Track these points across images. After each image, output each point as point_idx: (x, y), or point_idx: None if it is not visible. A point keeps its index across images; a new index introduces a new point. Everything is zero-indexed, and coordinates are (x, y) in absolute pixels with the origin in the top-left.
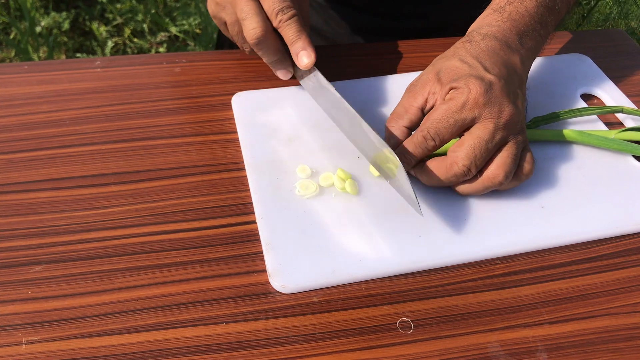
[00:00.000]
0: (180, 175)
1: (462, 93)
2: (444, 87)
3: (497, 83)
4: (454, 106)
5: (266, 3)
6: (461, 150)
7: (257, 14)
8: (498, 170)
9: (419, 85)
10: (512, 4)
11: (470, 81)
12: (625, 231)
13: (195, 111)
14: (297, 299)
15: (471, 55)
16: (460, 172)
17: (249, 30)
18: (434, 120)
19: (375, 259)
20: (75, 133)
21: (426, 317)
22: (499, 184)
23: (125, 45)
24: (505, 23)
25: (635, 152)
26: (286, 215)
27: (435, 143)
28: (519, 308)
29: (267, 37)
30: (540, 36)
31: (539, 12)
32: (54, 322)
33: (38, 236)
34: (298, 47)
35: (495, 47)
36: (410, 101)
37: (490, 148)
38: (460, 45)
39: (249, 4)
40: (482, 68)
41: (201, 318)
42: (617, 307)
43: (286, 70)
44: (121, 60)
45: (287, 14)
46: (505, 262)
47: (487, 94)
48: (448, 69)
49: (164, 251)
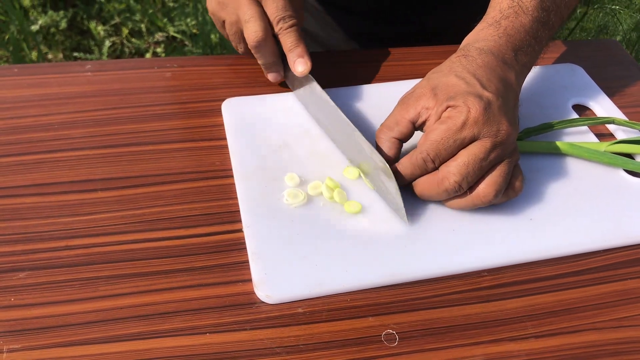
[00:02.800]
0: (167, 182)
1: (461, 112)
2: (440, 104)
3: (495, 101)
4: (454, 126)
5: (269, 9)
6: (454, 166)
7: (259, 18)
8: (489, 189)
9: (413, 99)
10: (508, 19)
11: (469, 100)
12: (613, 244)
13: (185, 117)
14: (282, 309)
15: (468, 71)
16: (451, 188)
17: (250, 33)
18: (434, 142)
19: (361, 269)
20: (63, 138)
21: (411, 330)
22: (488, 203)
23: (123, 45)
24: (502, 38)
25: (625, 167)
26: (273, 224)
27: (435, 165)
28: (504, 321)
29: (267, 40)
30: (535, 51)
31: (533, 27)
32: (36, 330)
33: (22, 242)
34: (295, 54)
35: (492, 63)
36: (402, 113)
37: (484, 166)
38: (456, 59)
39: (253, 7)
40: (480, 85)
41: (184, 328)
42: (603, 322)
43: (278, 73)
44: (112, 65)
45: (288, 23)
46: (492, 274)
47: (486, 113)
48: (445, 85)
49: (148, 259)
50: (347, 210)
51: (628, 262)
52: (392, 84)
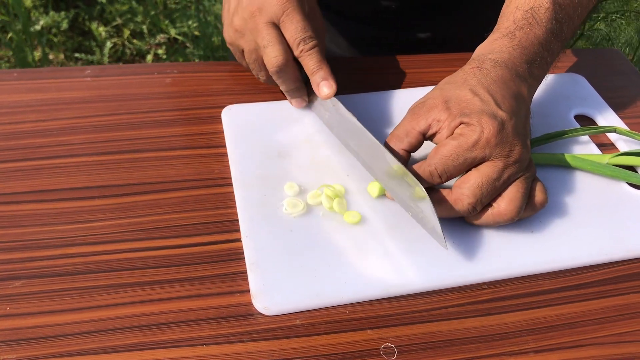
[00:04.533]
0: (166, 189)
1: (474, 131)
2: (453, 118)
3: (509, 121)
4: (465, 144)
5: (288, 32)
6: (467, 188)
7: (279, 42)
8: (509, 206)
9: (424, 109)
10: (522, 30)
11: (483, 119)
12: (614, 258)
13: (184, 124)
14: (280, 321)
15: (482, 86)
16: (465, 210)
17: (270, 58)
18: (443, 157)
19: (360, 281)
20: (62, 144)
21: (410, 343)
22: (511, 220)
23: (124, 46)
24: (516, 50)
25: (628, 180)
26: (272, 234)
27: (442, 180)
28: (504, 335)
29: (288, 65)
30: (547, 64)
31: (547, 38)
32: (31, 340)
33: (19, 250)
34: (319, 77)
35: (506, 76)
36: (412, 124)
37: (498, 186)
38: (470, 71)
39: (271, 32)
40: (494, 103)
41: (181, 339)
42: (603, 337)
43: (302, 99)
44: (112, 70)
45: (309, 44)
46: (493, 287)
47: (499, 135)
48: (458, 100)
49: (146, 268)
50: (347, 220)
51: (629, 276)
52: (400, 92)
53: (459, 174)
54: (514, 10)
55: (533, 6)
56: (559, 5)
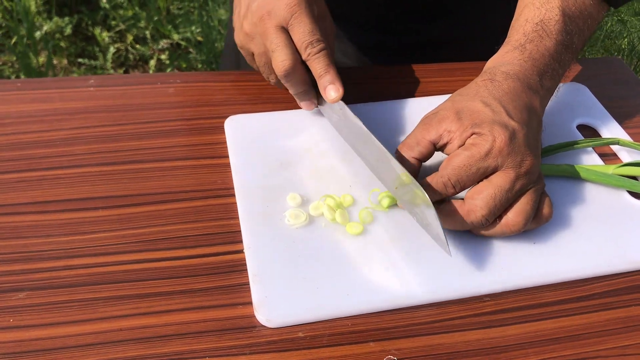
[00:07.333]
0: (168, 200)
1: (487, 140)
2: (465, 129)
3: (520, 131)
4: (477, 154)
5: (296, 35)
6: (480, 199)
7: (287, 46)
8: (518, 217)
9: (436, 120)
10: (533, 42)
11: (495, 129)
12: (617, 270)
13: (187, 134)
14: (282, 333)
15: (494, 97)
16: (478, 222)
17: (278, 62)
18: (456, 168)
19: (362, 293)
20: (65, 154)
21: (412, 356)
22: (518, 231)
23: (127, 52)
24: (527, 62)
25: (633, 189)
26: (275, 245)
27: (456, 190)
28: (506, 348)
29: (296, 69)
30: (558, 75)
31: (558, 50)
32: (34, 352)
33: (22, 261)
34: (326, 80)
35: (517, 88)
36: (423, 134)
37: (510, 197)
38: (482, 83)
39: (279, 35)
40: (506, 114)
41: (183, 352)
42: (606, 350)
43: (310, 101)
44: (115, 80)
45: (317, 47)
46: (494, 299)
47: (511, 144)
48: (470, 111)
49: (148, 280)
50: (349, 231)
51: (632, 287)
52: (407, 101)
53: (472, 184)
54: (524, 23)
55: (543, 19)
56: (569, 17)
